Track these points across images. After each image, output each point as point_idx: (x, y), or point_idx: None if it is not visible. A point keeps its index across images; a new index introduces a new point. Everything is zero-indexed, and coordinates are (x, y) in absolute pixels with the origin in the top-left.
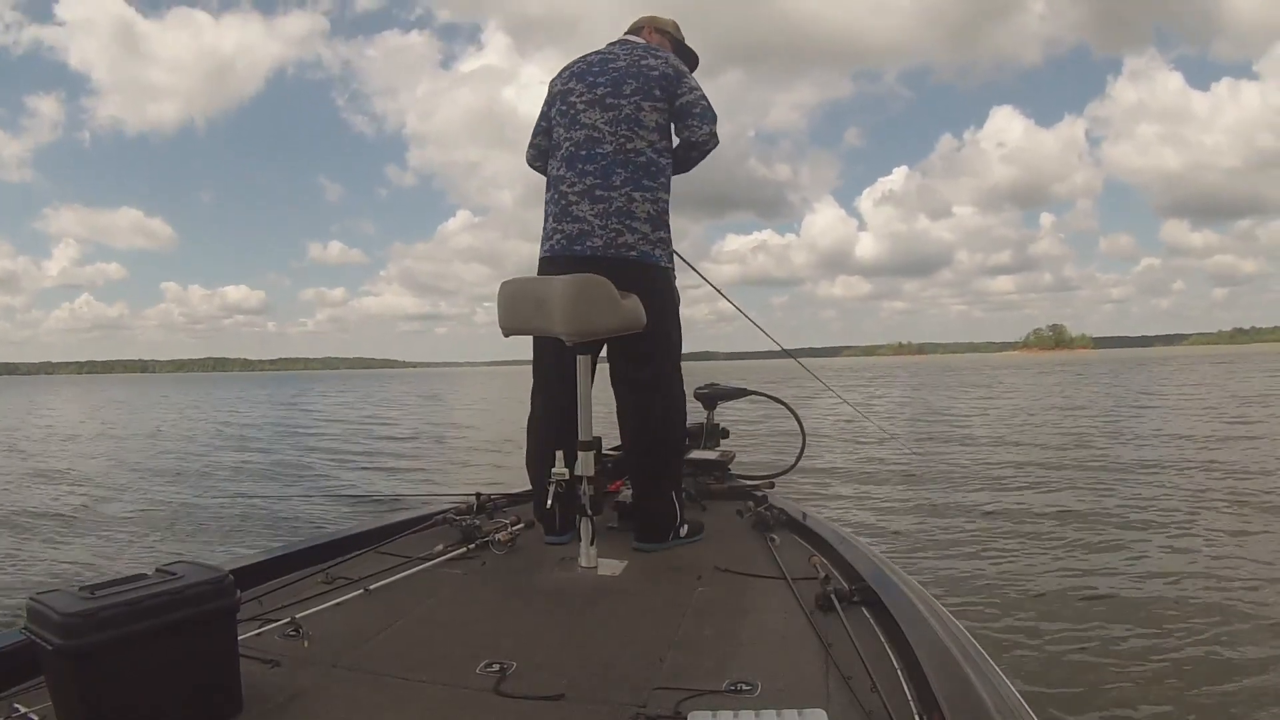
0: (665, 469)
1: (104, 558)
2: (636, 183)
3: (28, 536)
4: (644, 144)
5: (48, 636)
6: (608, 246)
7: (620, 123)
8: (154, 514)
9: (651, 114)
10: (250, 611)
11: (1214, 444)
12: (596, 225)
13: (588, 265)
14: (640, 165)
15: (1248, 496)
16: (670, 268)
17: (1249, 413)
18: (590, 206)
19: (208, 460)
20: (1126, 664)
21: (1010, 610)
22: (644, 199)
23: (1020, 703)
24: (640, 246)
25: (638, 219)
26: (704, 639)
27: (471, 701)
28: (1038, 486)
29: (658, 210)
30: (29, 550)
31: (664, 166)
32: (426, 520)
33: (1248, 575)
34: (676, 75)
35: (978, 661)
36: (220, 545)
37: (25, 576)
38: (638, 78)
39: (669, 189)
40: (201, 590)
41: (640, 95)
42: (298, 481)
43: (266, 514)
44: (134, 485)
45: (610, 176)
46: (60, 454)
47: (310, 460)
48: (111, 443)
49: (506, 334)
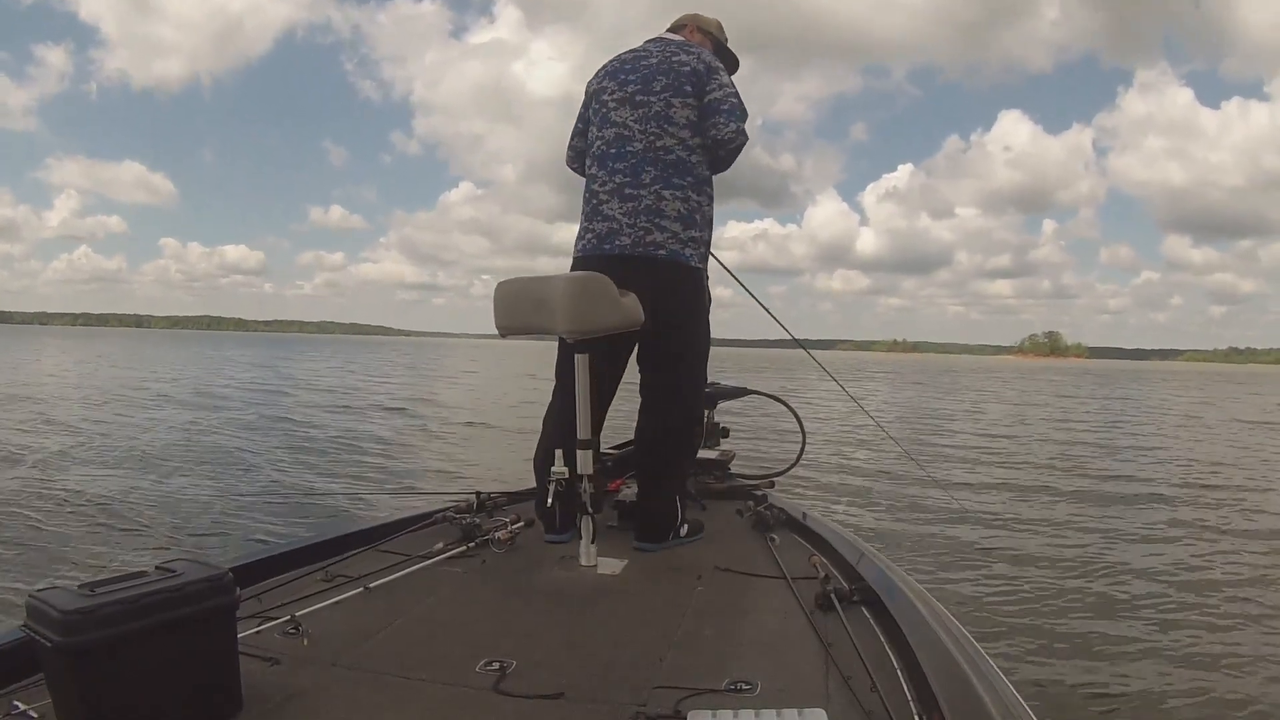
0: (671, 470)
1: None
2: (666, 180)
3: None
4: (674, 141)
5: (47, 633)
6: (636, 245)
7: (650, 120)
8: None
9: (682, 110)
10: (250, 609)
11: (1209, 455)
12: (625, 224)
13: (617, 264)
14: (670, 163)
15: (1240, 503)
16: (702, 268)
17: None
18: (620, 205)
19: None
20: (1126, 664)
21: (1010, 610)
22: (674, 197)
23: (1020, 703)
24: (670, 245)
25: (667, 217)
26: (704, 638)
27: (471, 700)
28: (1037, 486)
29: (689, 209)
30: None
31: (695, 164)
32: (426, 518)
33: (1248, 575)
34: (708, 71)
35: (978, 661)
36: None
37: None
38: (668, 74)
39: (704, 188)
40: (201, 588)
41: (670, 92)
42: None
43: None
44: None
45: (639, 174)
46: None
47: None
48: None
49: (504, 334)
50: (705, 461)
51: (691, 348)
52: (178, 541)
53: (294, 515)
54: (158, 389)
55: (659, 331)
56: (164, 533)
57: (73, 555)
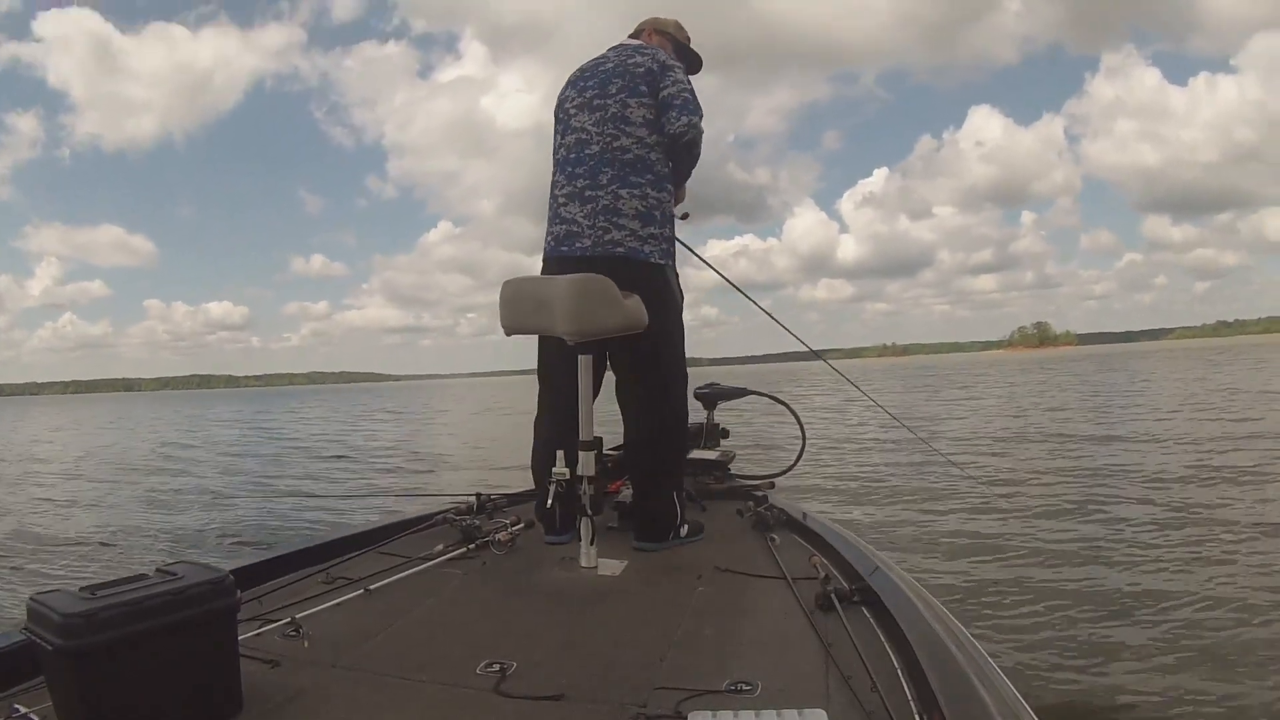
0: (666, 469)
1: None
2: (624, 179)
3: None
4: (631, 140)
5: (48, 637)
6: (595, 245)
7: (606, 122)
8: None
9: (639, 110)
10: (250, 611)
11: (1208, 442)
12: (585, 225)
13: (580, 265)
14: (626, 162)
15: (1247, 496)
16: (666, 264)
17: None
18: (580, 207)
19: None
20: (1127, 663)
21: (1010, 610)
22: (631, 195)
23: (1020, 702)
24: (628, 243)
25: (624, 215)
26: (704, 639)
27: (471, 701)
28: (1035, 487)
29: (647, 205)
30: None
31: (654, 162)
32: (427, 520)
33: (1247, 576)
34: (661, 69)
35: (978, 661)
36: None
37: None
38: (624, 76)
39: (664, 184)
40: (202, 590)
41: (626, 93)
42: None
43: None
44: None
45: (597, 176)
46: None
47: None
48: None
49: (508, 333)
50: (705, 461)
51: (666, 343)
52: (178, 544)
53: (294, 515)
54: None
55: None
56: (164, 536)
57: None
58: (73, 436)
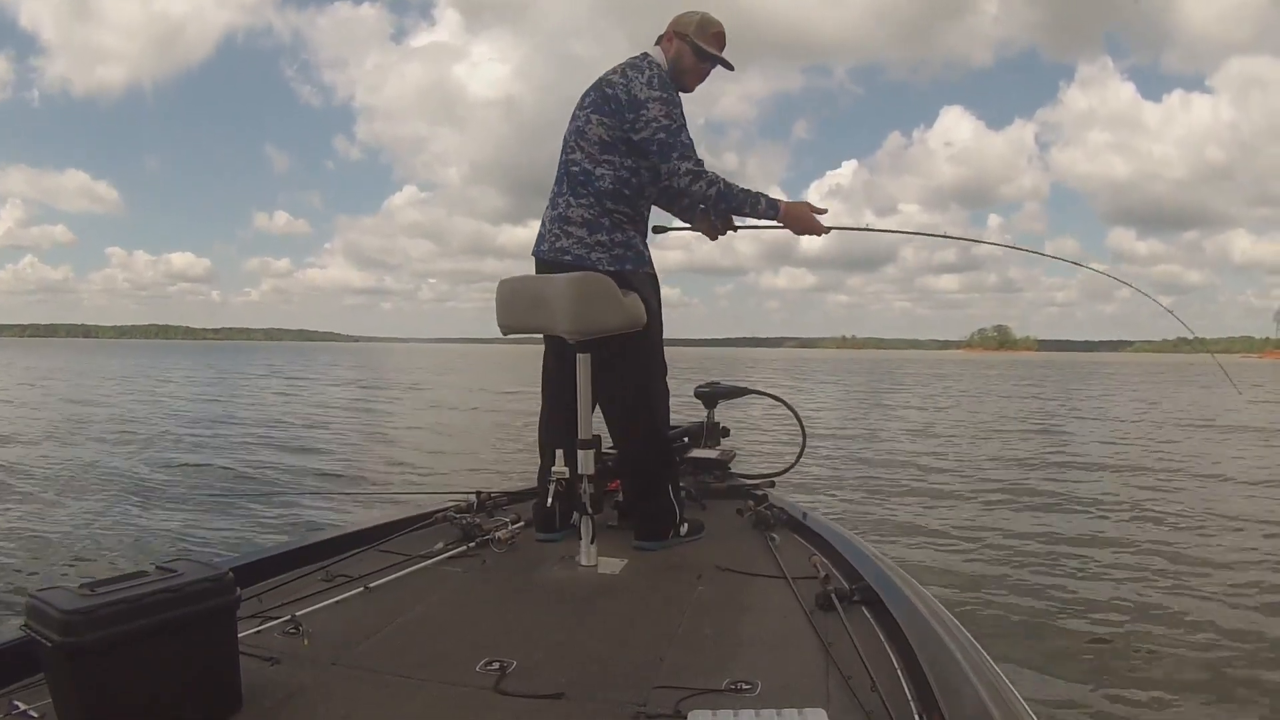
0: (658, 467)
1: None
2: (573, 191)
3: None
4: (581, 155)
5: (47, 633)
6: (550, 250)
7: (573, 134)
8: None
9: (597, 128)
10: (250, 609)
11: (1195, 442)
12: (546, 230)
13: (543, 268)
14: (573, 175)
15: (1227, 499)
16: (619, 270)
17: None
18: (549, 212)
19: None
20: (1127, 663)
21: (1011, 610)
22: (579, 205)
23: (1020, 702)
24: (575, 250)
25: (573, 224)
26: (704, 638)
27: (471, 700)
28: (1034, 486)
29: (592, 216)
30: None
31: (599, 176)
32: (427, 518)
33: (1248, 574)
34: (630, 104)
35: (978, 661)
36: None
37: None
38: (597, 91)
39: (604, 203)
40: (201, 588)
41: (592, 109)
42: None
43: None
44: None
45: (561, 184)
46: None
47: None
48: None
49: (505, 332)
50: (705, 461)
51: (631, 346)
52: (178, 542)
53: (294, 515)
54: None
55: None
56: (163, 534)
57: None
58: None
